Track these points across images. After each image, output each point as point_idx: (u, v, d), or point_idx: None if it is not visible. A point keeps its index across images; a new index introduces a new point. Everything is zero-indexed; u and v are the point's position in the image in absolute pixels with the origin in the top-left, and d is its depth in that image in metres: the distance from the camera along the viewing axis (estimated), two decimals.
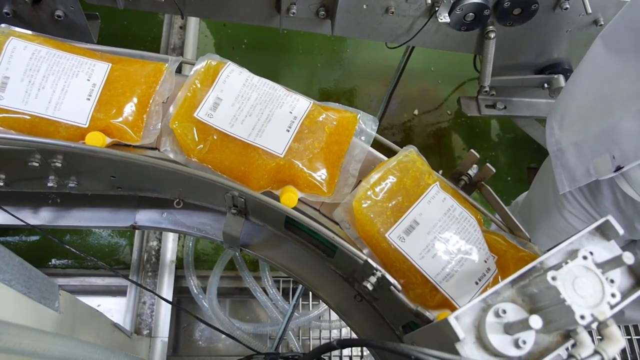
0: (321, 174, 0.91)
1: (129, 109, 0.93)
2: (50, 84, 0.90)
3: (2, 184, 0.98)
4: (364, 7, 1.37)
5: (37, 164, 0.90)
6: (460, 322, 0.61)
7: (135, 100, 0.93)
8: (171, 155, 0.92)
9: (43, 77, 0.90)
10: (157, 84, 0.96)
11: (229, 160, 0.90)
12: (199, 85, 0.94)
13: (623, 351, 1.96)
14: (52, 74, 0.91)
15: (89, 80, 0.92)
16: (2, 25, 0.96)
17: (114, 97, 0.92)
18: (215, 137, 0.90)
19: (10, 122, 0.89)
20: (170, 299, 1.77)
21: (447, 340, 0.61)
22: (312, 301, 1.93)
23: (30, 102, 0.89)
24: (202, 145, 0.90)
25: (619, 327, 1.50)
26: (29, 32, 0.96)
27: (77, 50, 0.96)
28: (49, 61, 0.91)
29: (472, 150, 0.93)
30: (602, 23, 1.43)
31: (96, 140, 0.89)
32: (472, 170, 0.96)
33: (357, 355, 1.92)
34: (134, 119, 0.93)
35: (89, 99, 0.90)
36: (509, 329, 0.61)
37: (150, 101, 0.94)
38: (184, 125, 0.90)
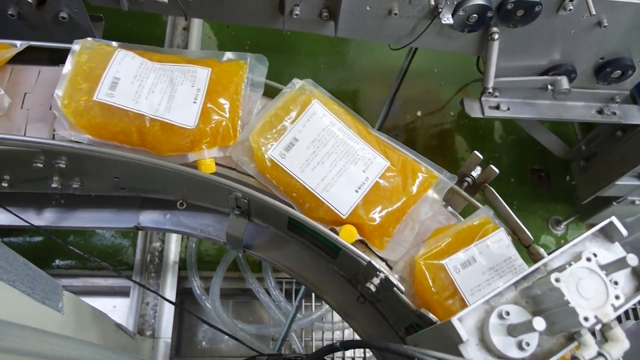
0: None
1: (387, 215, 0.90)
2: (330, 162, 0.91)
3: (6, 184, 0.98)
4: (367, 8, 1.37)
5: (41, 165, 0.91)
6: (464, 324, 0.61)
7: (395, 208, 0.90)
8: (399, 285, 0.87)
9: (326, 153, 0.91)
10: (419, 199, 0.93)
11: None
12: (466, 236, 0.91)
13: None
14: (334, 152, 0.91)
15: (364, 172, 0.91)
16: (309, 80, 0.97)
17: (380, 198, 0.90)
18: (450, 291, 0.87)
19: (283, 182, 0.90)
20: (173, 300, 1.77)
21: (451, 342, 0.61)
22: (315, 302, 1.93)
23: (307, 172, 0.90)
24: (437, 296, 0.87)
25: None
26: (328, 94, 0.97)
27: (364, 134, 0.95)
28: (337, 139, 0.92)
29: (475, 151, 0.93)
30: (606, 24, 1.43)
31: (349, 236, 0.87)
32: (476, 172, 0.96)
33: (359, 357, 1.91)
34: (387, 226, 0.90)
35: (357, 191, 0.90)
36: (513, 330, 0.61)
37: (406, 215, 0.92)
38: (429, 267, 0.88)
